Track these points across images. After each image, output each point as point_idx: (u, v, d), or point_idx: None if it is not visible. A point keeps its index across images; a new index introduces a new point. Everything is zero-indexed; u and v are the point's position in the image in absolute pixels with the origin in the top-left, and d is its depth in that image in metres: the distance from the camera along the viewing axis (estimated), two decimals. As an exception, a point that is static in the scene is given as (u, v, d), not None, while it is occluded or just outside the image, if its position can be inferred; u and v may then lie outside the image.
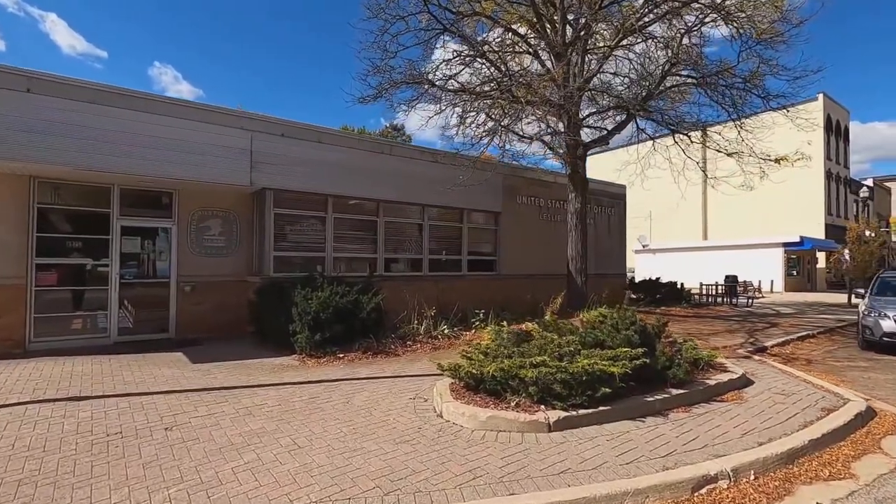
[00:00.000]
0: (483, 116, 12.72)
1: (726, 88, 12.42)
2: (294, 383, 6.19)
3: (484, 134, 12.68)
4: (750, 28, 11.53)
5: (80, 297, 8.78)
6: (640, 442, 4.27)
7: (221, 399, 5.47)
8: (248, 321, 9.29)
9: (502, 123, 12.78)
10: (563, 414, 4.57)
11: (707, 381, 5.66)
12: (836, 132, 34.53)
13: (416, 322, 9.55)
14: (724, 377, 5.86)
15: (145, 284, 9.33)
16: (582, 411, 4.65)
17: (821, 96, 31.58)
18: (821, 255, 32.17)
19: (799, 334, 11.12)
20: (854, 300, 19.69)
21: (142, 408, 5.15)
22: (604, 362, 4.83)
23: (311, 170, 9.95)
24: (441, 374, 6.46)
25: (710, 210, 37.20)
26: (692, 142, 12.70)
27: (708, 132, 13.51)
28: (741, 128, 12.93)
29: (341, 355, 7.80)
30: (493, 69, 11.85)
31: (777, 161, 11.22)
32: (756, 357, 8.18)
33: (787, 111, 11.90)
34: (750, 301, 17.75)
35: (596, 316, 7.50)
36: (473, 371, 5.02)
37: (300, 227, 10.18)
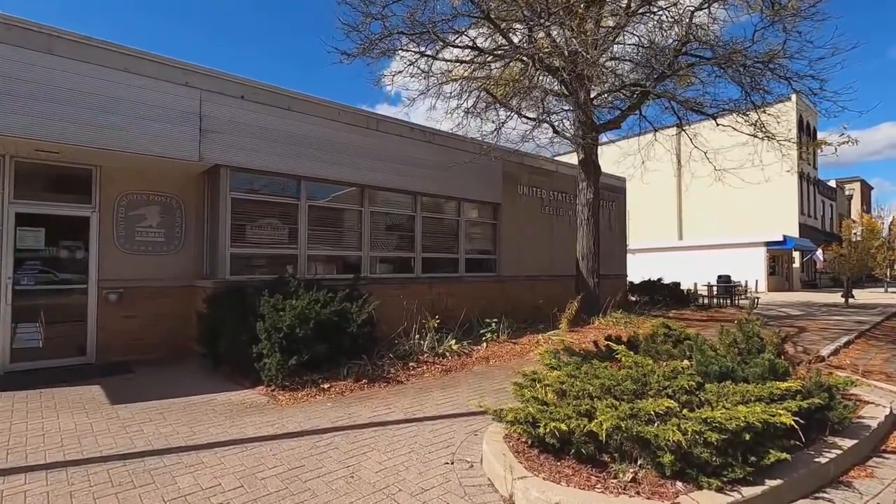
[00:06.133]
0: (475, 96, 11.03)
1: (745, 68, 11.18)
2: (263, 439, 4.14)
3: (483, 110, 11.01)
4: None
5: (-44, 311, 6.37)
6: (870, 551, 2.53)
7: (144, 478, 3.38)
8: (197, 339, 7.07)
9: (500, 100, 11.13)
10: (725, 500, 2.78)
11: (864, 422, 4.01)
12: (807, 133, 34.82)
13: (416, 336, 7.59)
14: (878, 413, 4.24)
15: (53, 292, 6.96)
16: (747, 490, 2.87)
17: (794, 96, 31.62)
18: (796, 255, 32.17)
19: (844, 339, 9.86)
20: (850, 300, 19.10)
21: (-2, 506, 3.01)
22: (769, 408, 3.08)
23: (279, 144, 7.84)
24: (474, 414, 4.60)
25: (685, 209, 36.84)
26: (718, 125, 11.33)
27: (718, 119, 12.34)
28: (763, 111, 11.78)
29: (326, 385, 5.77)
30: (499, 36, 10.10)
31: (818, 145, 9.98)
32: (842, 373, 6.70)
33: (811, 96, 10.81)
34: (755, 302, 16.70)
35: (657, 326, 5.79)
36: (563, 427, 3.15)
37: (265, 218, 8.03)
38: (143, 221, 7.41)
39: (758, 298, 17.23)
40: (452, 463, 3.65)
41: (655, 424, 3.03)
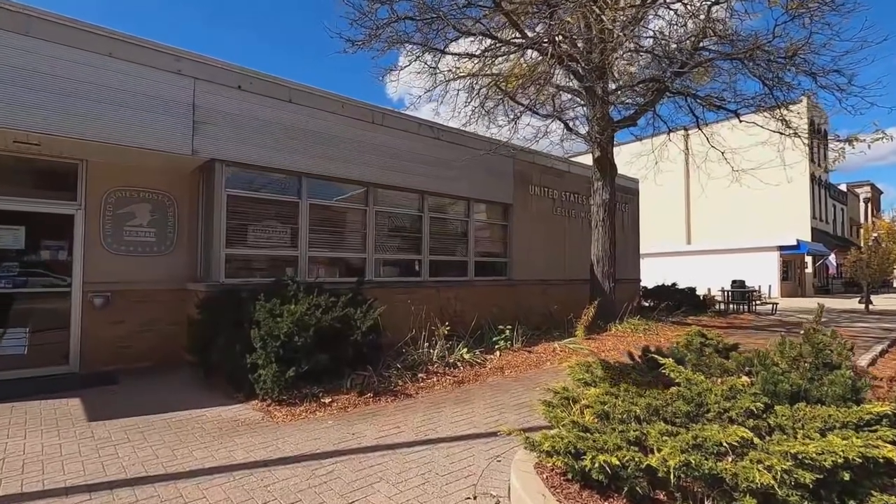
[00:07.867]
0: (483, 94, 10.59)
1: (768, 63, 10.69)
2: (255, 465, 3.59)
3: (493, 108, 10.57)
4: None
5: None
6: None
7: (110, 517, 2.84)
8: (188, 347, 6.54)
9: (511, 95, 10.70)
10: (824, 557, 2.23)
11: (954, 449, 3.43)
12: (818, 135, 34.22)
13: (425, 344, 7.05)
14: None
15: (33, 296, 6.44)
16: (846, 545, 2.32)
17: (805, 98, 31.08)
18: (808, 260, 31.51)
19: (878, 348, 9.27)
20: (870, 307, 18.44)
21: (-74, 556, 2.47)
22: (867, 438, 2.52)
23: (278, 138, 7.34)
24: (493, 435, 4.06)
25: (694, 213, 36.23)
26: (741, 121, 10.83)
27: (742, 117, 11.87)
28: (787, 108, 11.33)
29: (327, 400, 5.22)
30: (510, 29, 9.62)
31: (849, 142, 9.43)
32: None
33: (837, 93, 10.34)
34: (774, 308, 16.09)
35: (693, 335, 5.22)
36: (613, 461, 2.60)
37: (264, 218, 7.52)
38: (133, 220, 6.91)
39: (776, 305, 16.58)
40: (475, 498, 3.10)
41: (730, 459, 2.47)
